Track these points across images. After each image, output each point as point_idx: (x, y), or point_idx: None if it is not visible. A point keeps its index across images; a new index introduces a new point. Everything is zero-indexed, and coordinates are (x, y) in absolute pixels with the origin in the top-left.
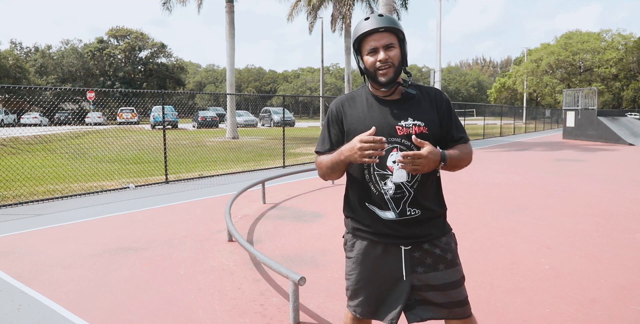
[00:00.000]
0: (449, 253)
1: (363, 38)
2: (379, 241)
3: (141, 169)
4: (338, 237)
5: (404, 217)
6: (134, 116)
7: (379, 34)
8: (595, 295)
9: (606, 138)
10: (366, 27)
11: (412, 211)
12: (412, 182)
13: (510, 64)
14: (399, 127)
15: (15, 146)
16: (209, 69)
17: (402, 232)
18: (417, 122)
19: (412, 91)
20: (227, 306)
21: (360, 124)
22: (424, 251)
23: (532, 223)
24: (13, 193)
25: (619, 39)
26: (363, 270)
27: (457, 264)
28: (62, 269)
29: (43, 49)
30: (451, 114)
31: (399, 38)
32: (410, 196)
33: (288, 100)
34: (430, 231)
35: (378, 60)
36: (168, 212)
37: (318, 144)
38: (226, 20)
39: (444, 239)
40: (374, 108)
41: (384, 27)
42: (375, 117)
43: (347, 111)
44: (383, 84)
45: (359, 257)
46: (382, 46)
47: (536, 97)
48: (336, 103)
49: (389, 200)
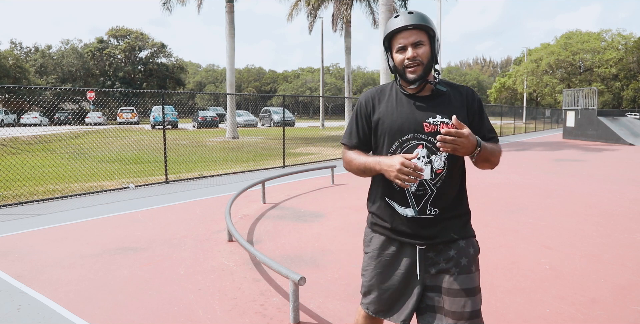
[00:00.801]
0: (464, 257)
1: (393, 36)
2: (395, 238)
3: (141, 169)
4: (338, 237)
5: (423, 216)
6: (134, 116)
7: (408, 31)
8: (595, 295)
9: (606, 138)
10: (395, 24)
11: (432, 210)
12: (436, 180)
13: (510, 64)
14: (427, 124)
15: (15, 146)
16: (209, 69)
17: (419, 231)
18: (445, 120)
19: (443, 87)
20: (227, 306)
21: (387, 119)
22: (438, 252)
23: (532, 223)
24: (13, 193)
25: (619, 39)
26: (378, 266)
27: (472, 271)
28: (62, 269)
29: (43, 49)
30: (482, 113)
31: (429, 35)
32: (433, 194)
33: (288, 100)
34: (447, 232)
35: (406, 58)
36: (168, 212)
37: (345, 136)
38: (226, 20)
39: (461, 243)
40: (403, 103)
41: (412, 25)
42: (403, 112)
43: (376, 105)
44: (411, 82)
45: (374, 252)
46: (411, 44)
47: (536, 97)
48: (365, 96)
49: (410, 197)
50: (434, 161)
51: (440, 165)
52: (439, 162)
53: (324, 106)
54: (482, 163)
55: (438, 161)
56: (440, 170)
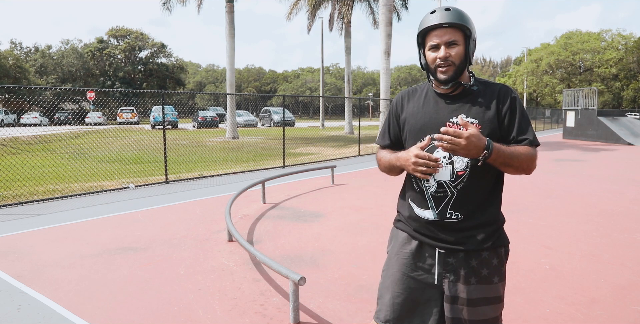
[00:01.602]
0: (485, 268)
1: (427, 32)
2: (416, 237)
3: (141, 169)
4: (338, 237)
5: (443, 220)
6: (134, 116)
7: (443, 29)
8: (595, 295)
9: (606, 138)
10: (431, 21)
11: (453, 214)
12: (456, 182)
13: (510, 64)
14: (450, 123)
15: (15, 146)
16: (209, 69)
17: (439, 236)
18: (469, 119)
19: (476, 87)
20: (227, 306)
21: (412, 118)
22: (459, 259)
23: (532, 223)
24: (13, 193)
25: (619, 39)
26: (395, 266)
27: (492, 282)
28: (62, 269)
29: (43, 49)
30: (515, 112)
31: (465, 35)
32: (453, 197)
33: (288, 100)
34: (470, 241)
35: (438, 58)
36: (168, 212)
37: (379, 137)
38: (226, 20)
39: (484, 254)
40: (429, 103)
41: (448, 23)
42: (428, 112)
43: (405, 105)
44: (442, 82)
45: (394, 250)
46: (445, 43)
47: (536, 97)
48: (397, 96)
49: (429, 198)
50: (456, 162)
51: (463, 166)
52: (460, 163)
53: (324, 106)
54: (504, 167)
55: (460, 162)
56: (462, 171)
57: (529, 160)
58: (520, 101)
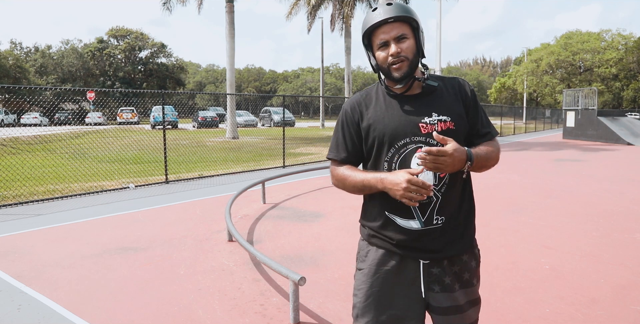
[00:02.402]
0: (466, 272)
1: (372, 31)
2: (396, 252)
3: (141, 169)
4: (338, 237)
5: (430, 227)
6: (134, 116)
7: (389, 25)
8: (595, 295)
9: (606, 138)
10: (374, 18)
11: (439, 219)
12: (440, 186)
13: (510, 64)
14: (423, 124)
15: (15, 146)
16: (209, 69)
17: (424, 246)
18: (442, 118)
19: (433, 82)
20: (227, 306)
21: (379, 124)
22: (443, 268)
23: (532, 223)
24: (13, 193)
25: (619, 39)
26: (375, 284)
27: (473, 284)
28: (62, 269)
29: (43, 49)
30: (477, 105)
31: (413, 27)
32: (438, 201)
33: (288, 100)
34: (454, 245)
35: (390, 55)
36: (168, 212)
37: (332, 150)
38: (226, 20)
39: (464, 257)
40: (394, 106)
41: (393, 17)
42: (395, 115)
43: (364, 111)
44: (398, 80)
45: (371, 268)
46: (393, 38)
47: (536, 97)
48: (351, 103)
49: (414, 207)
50: None
51: None
52: None
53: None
54: (478, 169)
55: None
56: (442, 173)
57: (497, 155)
58: (476, 93)
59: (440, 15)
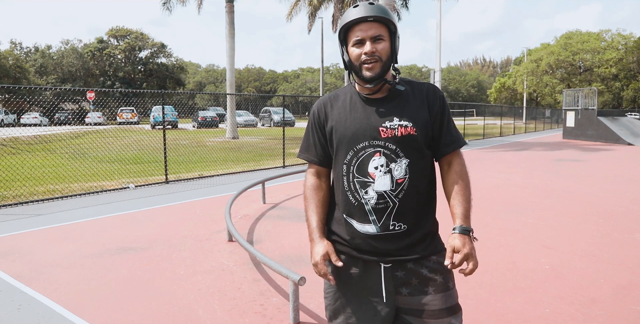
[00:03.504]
0: (438, 274)
1: (349, 27)
2: (358, 257)
3: (141, 169)
4: None
5: (386, 232)
6: (133, 116)
7: (368, 23)
8: (595, 295)
9: (606, 138)
10: (354, 15)
11: (396, 225)
12: (397, 191)
13: (510, 64)
14: (383, 128)
15: (15, 146)
16: (209, 69)
17: (383, 249)
18: (403, 123)
19: (401, 87)
20: (227, 306)
21: (341, 127)
22: (407, 270)
23: (532, 223)
24: (13, 193)
25: (619, 39)
26: (341, 287)
27: (449, 288)
28: (62, 269)
29: (43, 49)
30: (445, 114)
31: (390, 30)
32: (395, 207)
33: (288, 100)
34: (414, 250)
35: (364, 53)
36: (168, 212)
37: (302, 149)
38: (226, 20)
39: (433, 258)
40: (357, 108)
41: (373, 17)
42: (357, 118)
43: (329, 112)
44: (368, 80)
45: (337, 271)
46: (370, 37)
47: (536, 97)
48: (318, 104)
49: (369, 211)
50: (394, 170)
51: (402, 173)
52: (399, 170)
53: None
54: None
55: (399, 169)
56: (401, 179)
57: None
58: (445, 99)
59: (440, 15)
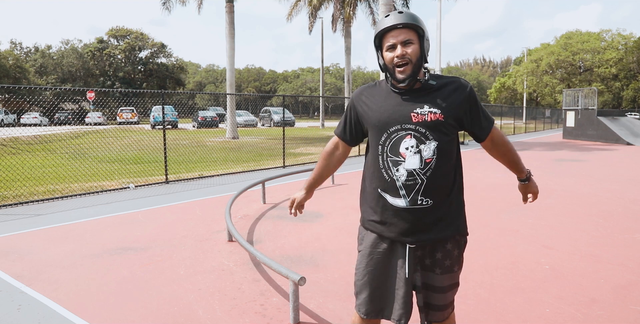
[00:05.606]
0: (448, 259)
1: (383, 34)
2: (386, 237)
3: (141, 169)
4: (338, 237)
5: (415, 206)
6: (133, 116)
7: (398, 30)
8: (595, 295)
9: (606, 138)
10: (386, 23)
11: (424, 200)
12: (425, 170)
13: (510, 64)
14: (414, 114)
15: (15, 146)
16: (209, 69)
17: (410, 226)
18: (432, 110)
19: (433, 81)
20: (227, 306)
21: (375, 112)
22: (425, 251)
23: (532, 223)
24: (13, 193)
25: (619, 39)
26: (370, 264)
27: (453, 271)
28: (62, 269)
29: (43, 49)
30: (476, 102)
31: (419, 35)
32: (423, 183)
33: (288, 100)
34: (439, 229)
35: (395, 56)
36: (168, 212)
37: (338, 126)
38: (226, 20)
39: (448, 245)
40: (391, 97)
41: (402, 24)
42: (390, 105)
43: (364, 100)
44: (400, 81)
45: (366, 250)
46: (400, 42)
47: (536, 97)
48: (357, 91)
49: (400, 187)
50: (423, 150)
51: (430, 154)
52: (428, 151)
53: (324, 106)
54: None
55: (427, 150)
56: (429, 159)
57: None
58: (474, 91)
59: (440, 15)
